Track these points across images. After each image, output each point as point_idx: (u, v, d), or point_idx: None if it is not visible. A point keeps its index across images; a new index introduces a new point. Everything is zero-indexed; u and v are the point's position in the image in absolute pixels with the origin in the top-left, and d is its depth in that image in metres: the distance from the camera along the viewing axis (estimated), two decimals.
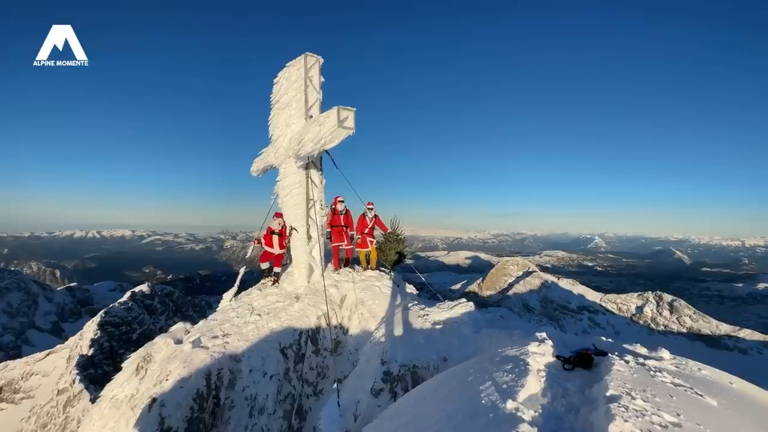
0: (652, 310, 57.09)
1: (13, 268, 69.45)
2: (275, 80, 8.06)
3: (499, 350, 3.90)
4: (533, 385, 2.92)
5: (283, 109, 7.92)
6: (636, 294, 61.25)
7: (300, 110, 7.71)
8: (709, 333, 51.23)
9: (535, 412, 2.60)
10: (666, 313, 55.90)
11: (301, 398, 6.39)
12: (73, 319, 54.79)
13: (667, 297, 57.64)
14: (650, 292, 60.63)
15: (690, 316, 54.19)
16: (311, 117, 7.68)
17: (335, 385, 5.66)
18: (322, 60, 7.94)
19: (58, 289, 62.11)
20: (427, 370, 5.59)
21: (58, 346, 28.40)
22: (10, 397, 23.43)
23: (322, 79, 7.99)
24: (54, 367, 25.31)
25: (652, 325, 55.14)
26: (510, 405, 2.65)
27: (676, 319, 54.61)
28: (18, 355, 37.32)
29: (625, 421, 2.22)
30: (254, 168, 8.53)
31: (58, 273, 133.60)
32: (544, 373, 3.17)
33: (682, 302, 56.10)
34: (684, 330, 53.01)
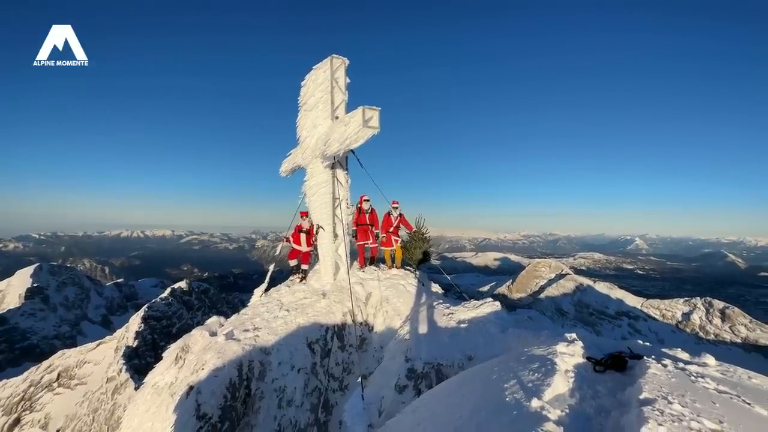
0: (700, 318, 52.91)
1: (69, 265, 75.97)
2: (302, 83, 8.29)
3: (525, 349, 3.80)
4: (560, 384, 2.83)
5: (310, 110, 8.13)
6: (682, 300, 57.03)
7: (326, 111, 7.89)
8: None
9: (561, 411, 2.52)
10: (717, 321, 51.61)
11: (327, 392, 6.53)
12: (120, 312, 59.00)
13: (719, 303, 53.19)
14: (698, 297, 56.23)
15: (745, 325, 49.67)
16: (337, 118, 7.84)
17: (360, 380, 5.74)
18: (347, 61, 8.08)
19: (107, 284, 67.10)
20: (452, 368, 5.53)
21: (107, 337, 30.70)
22: (67, 383, 25.60)
23: (348, 80, 8.13)
24: (104, 356, 27.38)
25: (701, 334, 51.09)
26: (535, 403, 2.59)
27: (729, 327, 50.25)
28: (73, 344, 40.77)
29: (660, 425, 2.10)
30: (283, 168, 8.82)
31: (107, 269, 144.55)
32: (572, 374, 3.06)
33: (736, 309, 51.55)
34: (738, 340, 48.67)
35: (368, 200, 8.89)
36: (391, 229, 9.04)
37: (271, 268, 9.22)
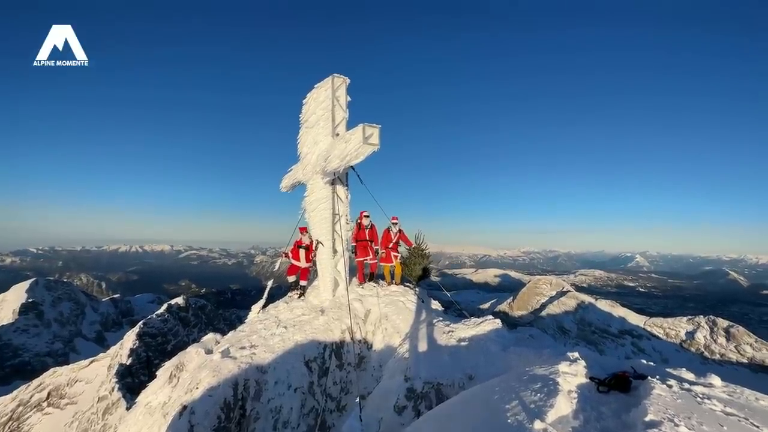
0: (705, 337, 52.04)
1: (65, 280, 75.25)
2: (304, 101, 8.46)
3: (527, 369, 3.73)
4: (563, 406, 2.76)
5: (311, 128, 8.27)
6: (686, 318, 56.27)
7: (327, 128, 8.01)
8: None
9: None
10: (722, 340, 50.74)
11: (324, 413, 6.35)
12: (115, 329, 58.03)
13: (722, 322, 52.45)
14: (702, 316, 55.50)
15: (751, 345, 48.81)
16: (338, 134, 7.96)
17: (358, 401, 5.59)
18: (348, 81, 8.28)
19: (103, 300, 66.29)
20: (452, 388, 5.40)
21: (100, 355, 30.07)
22: (57, 402, 24.89)
23: (349, 99, 8.30)
24: (96, 374, 26.73)
25: (706, 353, 50.12)
26: (538, 425, 2.52)
27: (735, 347, 49.34)
28: (66, 361, 39.90)
29: None
30: (284, 184, 8.89)
31: (104, 285, 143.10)
32: (575, 394, 2.98)
33: (741, 328, 50.79)
34: (745, 360, 47.70)
35: (368, 216, 8.90)
36: (391, 245, 9.01)
37: (270, 283, 9.15)
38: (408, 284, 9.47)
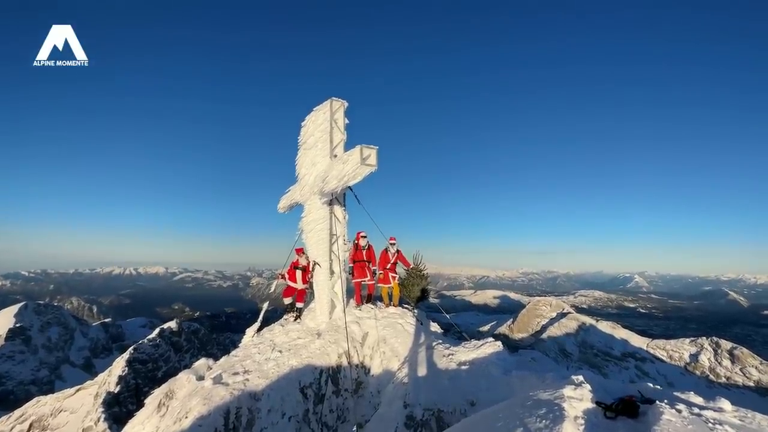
0: (709, 359, 51.03)
1: (56, 303, 73.49)
2: (303, 123, 8.60)
3: (530, 394, 3.59)
4: None
5: (310, 149, 8.36)
6: (688, 340, 55.36)
7: (325, 150, 8.11)
8: None
9: None
10: (726, 362, 49.73)
11: None
12: (105, 354, 56.20)
13: (726, 344, 51.60)
14: (705, 338, 54.64)
15: (756, 367, 47.82)
16: (336, 156, 8.04)
17: (355, 429, 5.34)
18: (346, 104, 8.46)
19: (93, 324, 64.54)
20: (453, 415, 5.18)
21: (87, 383, 28.93)
22: None
23: (347, 121, 8.46)
24: (82, 404, 25.62)
25: (712, 377, 48.99)
26: None
27: (740, 369, 48.31)
28: (51, 390, 38.33)
29: None
30: (281, 205, 8.88)
31: (95, 309, 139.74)
32: (582, 421, 2.86)
33: (745, 350, 49.92)
34: (751, 383, 46.58)
35: (365, 236, 8.85)
36: (389, 266, 8.92)
37: (265, 306, 8.95)
38: (406, 306, 9.30)
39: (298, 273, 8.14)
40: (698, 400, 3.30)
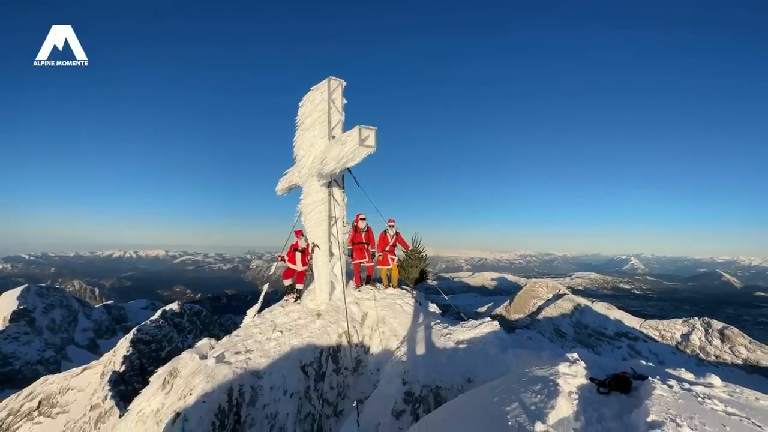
0: (700, 338, 52.30)
1: (58, 286, 74.18)
2: (300, 103, 8.43)
3: (526, 370, 3.68)
4: (564, 407, 2.71)
5: (307, 130, 8.23)
6: (681, 320, 56.50)
7: (323, 131, 7.98)
8: None
9: None
10: (717, 341, 51.00)
11: (321, 419, 6.25)
12: (108, 335, 57.19)
13: (717, 324, 52.75)
14: (697, 318, 55.78)
15: (745, 346, 49.09)
16: (334, 137, 7.92)
17: (355, 405, 5.51)
18: (344, 83, 8.26)
19: (96, 306, 65.36)
20: (451, 391, 5.33)
21: (93, 362, 29.53)
22: (48, 411, 24.36)
23: (345, 101, 8.29)
24: (89, 382, 26.24)
25: (702, 355, 50.35)
26: (539, 428, 2.47)
27: (729, 348, 49.61)
28: (57, 369, 39.19)
29: None
30: (279, 187, 8.82)
31: (96, 291, 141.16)
32: (576, 396, 2.94)
33: (735, 330, 51.09)
34: (739, 361, 47.97)
35: (364, 218, 8.85)
36: (388, 248, 8.97)
37: (265, 288, 9.04)
38: (405, 287, 9.41)
39: (298, 255, 8.18)
40: (689, 376, 3.39)
